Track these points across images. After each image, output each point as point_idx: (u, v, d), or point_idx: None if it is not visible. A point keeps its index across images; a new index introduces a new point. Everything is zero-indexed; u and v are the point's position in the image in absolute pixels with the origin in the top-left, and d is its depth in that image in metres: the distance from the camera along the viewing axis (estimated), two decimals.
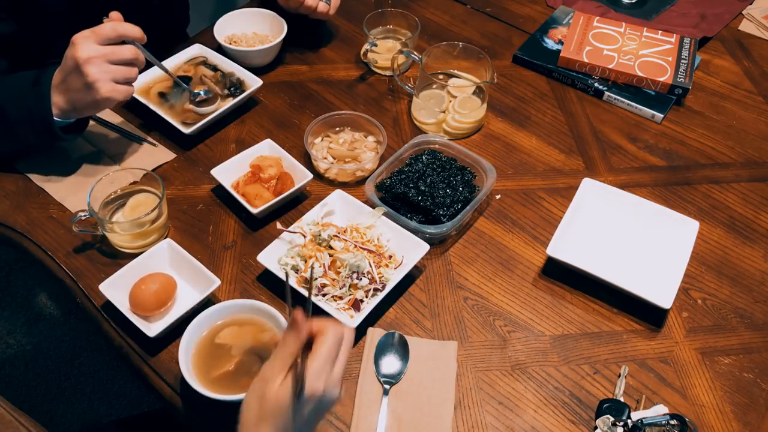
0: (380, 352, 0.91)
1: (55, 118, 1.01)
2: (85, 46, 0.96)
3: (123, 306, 0.91)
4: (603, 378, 0.91)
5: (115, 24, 1.00)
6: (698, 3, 1.55)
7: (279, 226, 1.00)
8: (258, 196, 1.06)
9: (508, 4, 1.55)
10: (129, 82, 1.01)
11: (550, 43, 1.41)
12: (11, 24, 1.11)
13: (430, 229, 1.01)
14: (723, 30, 1.50)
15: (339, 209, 1.06)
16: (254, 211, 1.03)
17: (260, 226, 1.07)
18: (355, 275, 0.94)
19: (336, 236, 0.98)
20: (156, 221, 1.01)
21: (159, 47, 1.38)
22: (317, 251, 0.97)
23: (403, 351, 0.91)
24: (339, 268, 0.95)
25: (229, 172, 1.09)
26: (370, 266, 0.96)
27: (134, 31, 1.01)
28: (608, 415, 0.84)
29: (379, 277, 0.96)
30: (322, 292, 0.94)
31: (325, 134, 1.19)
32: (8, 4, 1.08)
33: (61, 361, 1.85)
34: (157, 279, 0.94)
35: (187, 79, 1.23)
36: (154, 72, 1.24)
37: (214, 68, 1.26)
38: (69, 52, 0.97)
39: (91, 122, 1.19)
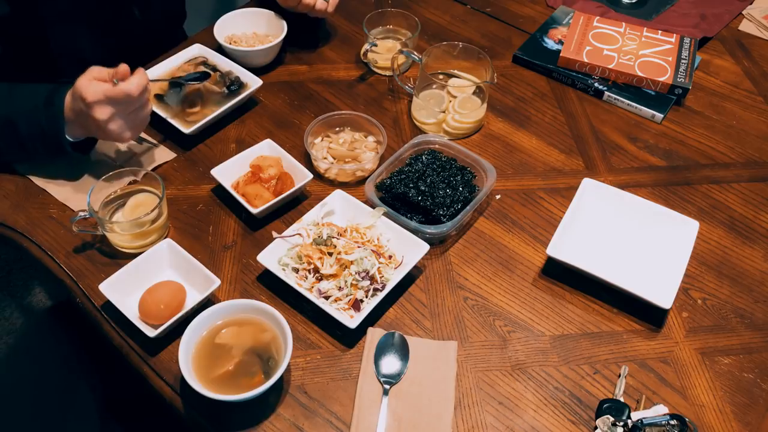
0: (380, 352, 0.91)
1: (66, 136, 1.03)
2: (99, 109, 0.97)
3: (123, 306, 0.91)
4: (603, 378, 0.91)
5: (126, 87, 0.98)
6: (698, 3, 1.55)
7: (275, 234, 1.00)
8: (258, 196, 1.05)
9: (508, 4, 1.55)
10: (139, 127, 1.05)
11: (550, 43, 1.41)
12: (4, 6, 1.11)
13: (430, 229, 1.01)
14: (723, 30, 1.50)
15: (339, 209, 1.06)
16: (254, 211, 1.03)
17: (260, 226, 1.07)
18: (358, 274, 0.95)
19: (335, 237, 0.98)
20: (156, 221, 1.01)
21: (158, 43, 1.38)
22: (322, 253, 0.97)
23: (403, 351, 0.91)
24: (345, 268, 0.96)
25: (229, 172, 1.09)
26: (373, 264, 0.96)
27: (141, 82, 1.00)
28: (608, 415, 0.84)
29: (380, 277, 0.96)
30: (325, 294, 0.94)
31: (325, 134, 1.19)
32: None
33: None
34: (169, 290, 0.93)
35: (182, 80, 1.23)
36: (153, 73, 1.24)
37: (214, 68, 1.26)
38: (85, 113, 0.98)
39: None
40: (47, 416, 1.04)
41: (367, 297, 0.95)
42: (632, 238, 1.05)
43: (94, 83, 0.97)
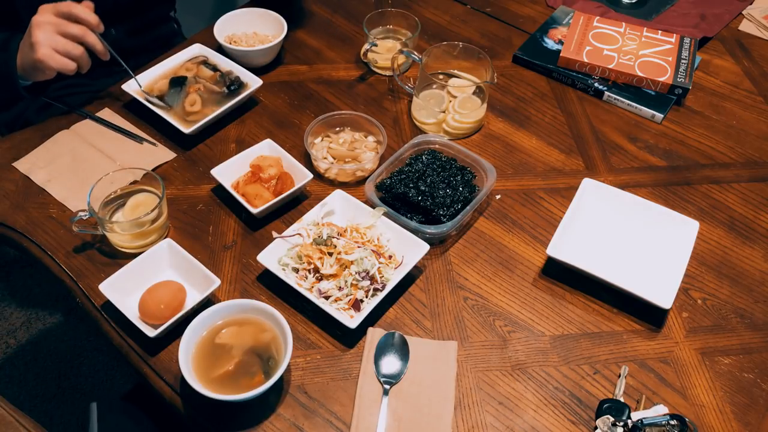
0: (380, 352, 0.91)
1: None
2: (42, 13, 1.06)
3: (123, 306, 0.91)
4: (603, 378, 0.91)
5: (72, 4, 1.07)
6: (698, 3, 1.55)
7: (275, 234, 1.00)
8: (258, 196, 1.06)
9: (508, 4, 1.55)
10: (70, 56, 1.07)
11: (550, 43, 1.41)
12: None
13: (430, 229, 1.01)
14: (723, 30, 1.50)
15: (339, 209, 1.06)
16: (254, 211, 1.03)
17: (260, 226, 1.07)
18: (358, 274, 0.95)
19: (335, 237, 0.98)
20: (156, 221, 1.01)
21: (136, 19, 1.38)
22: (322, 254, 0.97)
23: (403, 351, 0.91)
24: (345, 268, 0.96)
25: (229, 172, 1.09)
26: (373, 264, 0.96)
27: (89, 16, 1.08)
28: (608, 415, 0.84)
29: (380, 277, 0.96)
30: (325, 294, 0.94)
31: (325, 134, 1.19)
32: None
33: (61, 361, 1.85)
34: (169, 290, 0.93)
35: (182, 80, 1.23)
36: (153, 73, 1.24)
37: (214, 68, 1.26)
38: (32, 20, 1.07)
39: (92, 122, 1.20)
40: None
41: (367, 297, 0.95)
42: (632, 238, 1.05)
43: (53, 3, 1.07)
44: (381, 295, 0.95)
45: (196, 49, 1.30)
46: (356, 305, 0.93)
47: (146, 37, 1.44)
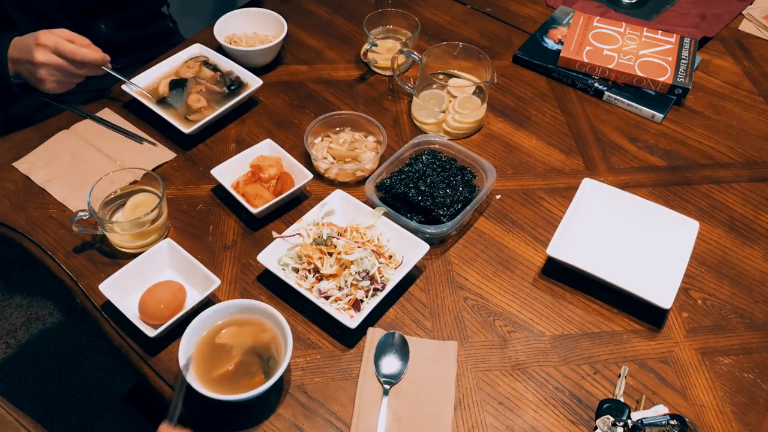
0: (380, 352, 0.91)
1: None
2: (43, 50, 1.08)
3: (123, 306, 0.91)
4: (603, 378, 0.91)
5: (74, 48, 1.10)
6: (698, 3, 1.55)
7: (275, 234, 1.00)
8: (258, 196, 1.06)
9: (508, 4, 1.55)
10: (74, 82, 1.16)
11: (550, 43, 1.41)
12: None
13: (430, 229, 1.01)
14: (723, 30, 1.50)
15: (339, 209, 1.06)
16: (254, 211, 1.03)
17: (260, 226, 1.07)
18: (358, 274, 0.95)
19: (335, 237, 0.98)
20: (156, 221, 1.01)
21: (120, 12, 1.38)
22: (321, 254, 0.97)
23: (403, 351, 0.91)
24: (345, 268, 0.96)
25: (229, 172, 1.09)
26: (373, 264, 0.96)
27: (92, 57, 1.12)
28: (608, 415, 0.84)
29: (380, 277, 0.96)
30: (325, 294, 0.94)
31: (325, 134, 1.19)
32: None
33: (61, 361, 1.85)
34: (169, 290, 0.93)
35: (183, 81, 1.23)
36: (153, 73, 1.24)
37: (215, 68, 1.26)
38: (31, 47, 1.08)
39: (91, 122, 1.20)
40: None
41: (367, 297, 0.95)
42: (632, 238, 1.05)
43: (55, 34, 1.08)
44: (381, 295, 0.95)
45: (196, 49, 1.30)
46: (356, 305, 0.93)
47: (139, 32, 1.44)
